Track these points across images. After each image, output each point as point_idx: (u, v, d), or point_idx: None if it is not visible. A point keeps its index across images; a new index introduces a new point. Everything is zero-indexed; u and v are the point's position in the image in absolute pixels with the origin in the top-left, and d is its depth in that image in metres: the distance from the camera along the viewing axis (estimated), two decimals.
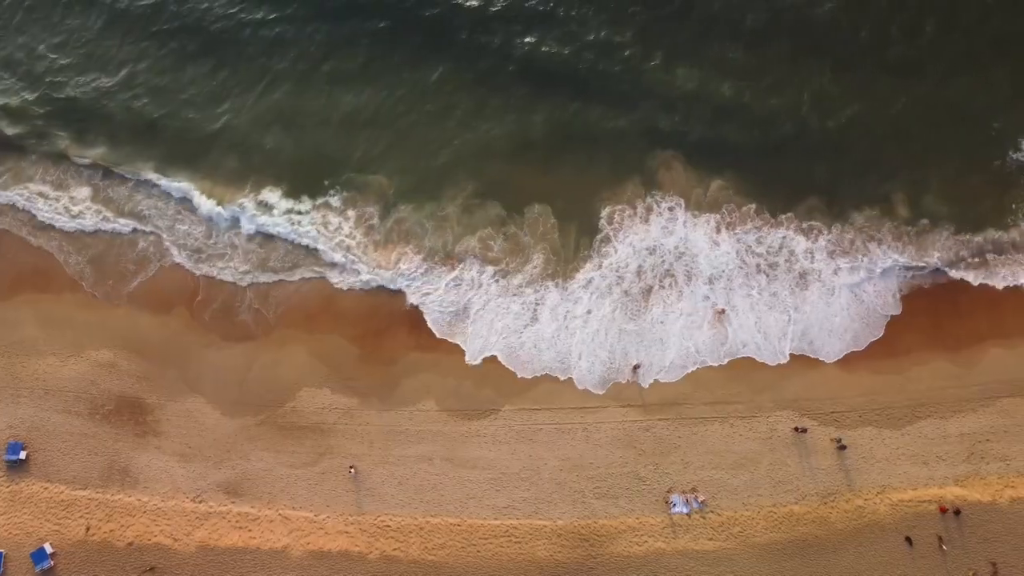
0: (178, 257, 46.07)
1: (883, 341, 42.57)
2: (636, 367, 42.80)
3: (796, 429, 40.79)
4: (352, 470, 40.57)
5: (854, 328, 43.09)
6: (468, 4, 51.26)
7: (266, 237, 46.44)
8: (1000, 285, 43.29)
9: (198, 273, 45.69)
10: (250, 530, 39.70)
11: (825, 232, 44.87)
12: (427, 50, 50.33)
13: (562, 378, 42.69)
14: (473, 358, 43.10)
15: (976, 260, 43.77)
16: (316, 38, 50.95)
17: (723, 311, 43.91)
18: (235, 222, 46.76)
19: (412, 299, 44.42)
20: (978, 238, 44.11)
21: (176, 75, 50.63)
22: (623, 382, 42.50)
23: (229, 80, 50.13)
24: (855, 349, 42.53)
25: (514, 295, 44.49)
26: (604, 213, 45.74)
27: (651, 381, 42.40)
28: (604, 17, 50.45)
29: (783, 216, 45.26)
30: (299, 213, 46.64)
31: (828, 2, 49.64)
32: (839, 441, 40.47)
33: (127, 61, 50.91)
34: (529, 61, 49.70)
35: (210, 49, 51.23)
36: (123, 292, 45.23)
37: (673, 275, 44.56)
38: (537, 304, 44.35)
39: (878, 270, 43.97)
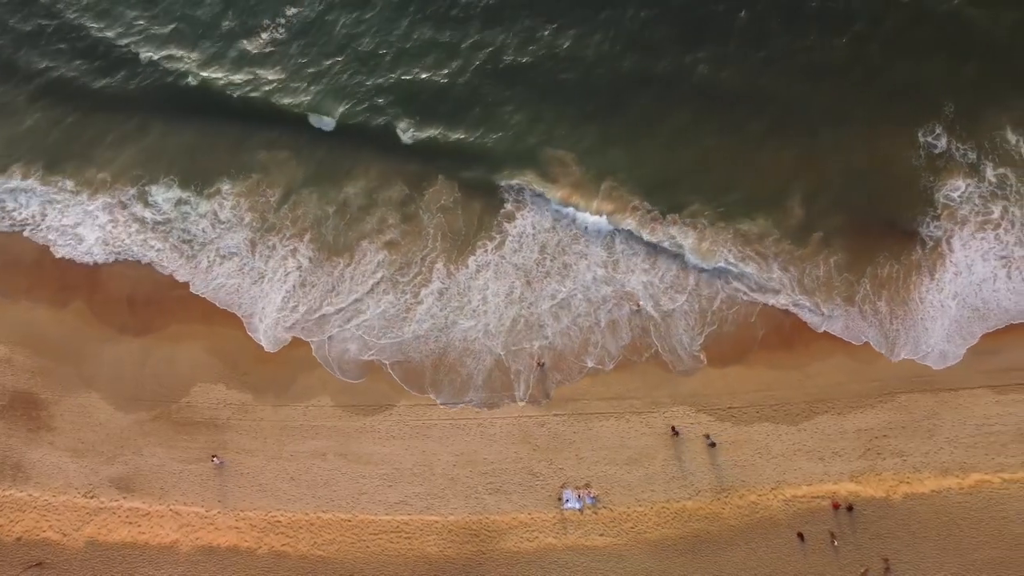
0: (74, 251, 46.47)
1: (782, 335, 42.35)
2: (540, 364, 42.60)
3: (673, 429, 40.71)
4: (215, 459, 40.52)
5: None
6: None
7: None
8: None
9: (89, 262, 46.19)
10: (140, 525, 39.72)
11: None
12: None
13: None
14: (344, 372, 42.84)
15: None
16: None
17: (638, 307, 43.72)
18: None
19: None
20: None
21: None
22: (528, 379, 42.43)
23: None
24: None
25: (402, 290, 44.51)
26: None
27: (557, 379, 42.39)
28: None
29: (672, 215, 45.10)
30: (187, 203, 47.40)
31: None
32: (708, 438, 40.32)
33: None
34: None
35: None
36: (21, 286, 45.32)
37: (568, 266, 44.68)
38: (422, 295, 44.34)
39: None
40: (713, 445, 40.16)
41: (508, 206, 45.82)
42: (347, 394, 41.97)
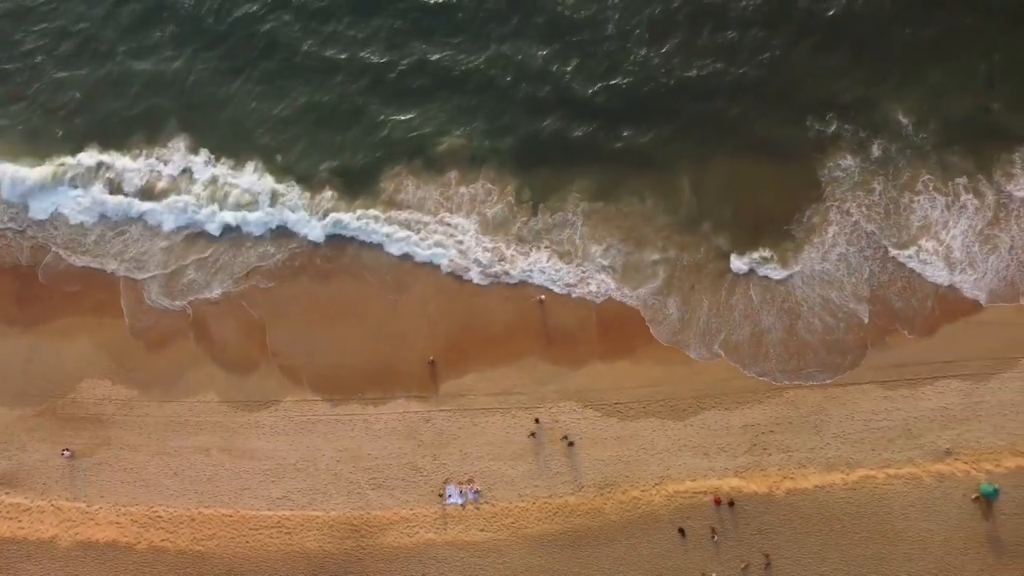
0: None
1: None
2: (432, 361, 42.44)
3: (534, 434, 40.67)
4: (66, 452, 40.46)
5: None
6: None
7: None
8: None
9: None
10: (20, 520, 39.74)
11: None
12: None
13: None
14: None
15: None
16: None
17: (543, 300, 43.62)
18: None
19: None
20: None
21: None
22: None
23: None
24: None
25: None
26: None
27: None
28: None
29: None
30: None
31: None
32: (567, 439, 40.18)
33: None
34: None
35: None
36: None
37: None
38: None
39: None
40: (571, 444, 40.08)
41: None
42: (234, 390, 41.92)
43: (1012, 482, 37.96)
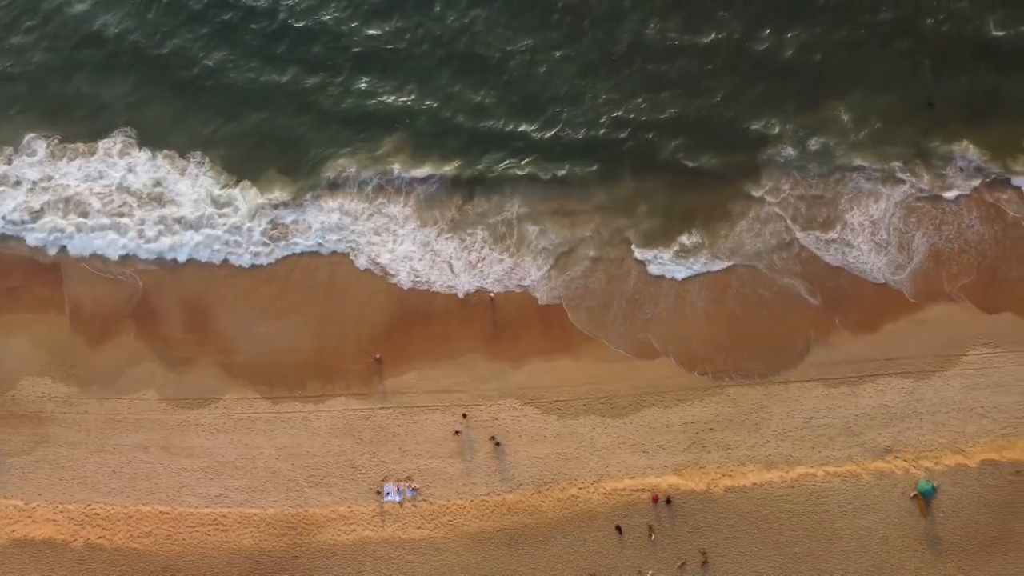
0: None
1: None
2: (378, 359, 42.33)
3: (459, 431, 40.65)
4: None
5: None
6: None
7: None
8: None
9: None
10: None
11: None
12: None
13: None
14: None
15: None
16: None
17: (493, 297, 43.52)
18: None
19: None
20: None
21: None
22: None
23: None
24: None
25: None
26: None
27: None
28: None
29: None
30: None
31: None
32: (494, 439, 40.10)
33: None
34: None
35: None
36: None
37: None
38: None
39: None
40: (498, 444, 40.01)
41: None
42: (173, 387, 41.87)
43: (951, 480, 37.87)
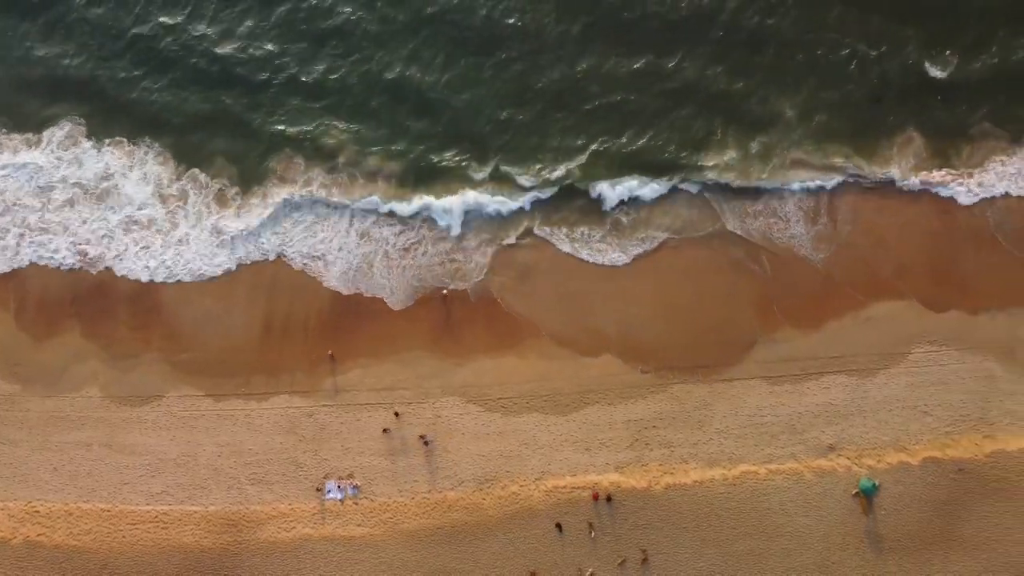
0: None
1: None
2: (331, 355, 42.20)
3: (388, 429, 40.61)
4: None
5: None
6: None
7: None
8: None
9: None
10: None
11: None
12: None
13: None
14: None
15: None
16: None
17: (446, 293, 43.31)
18: None
19: None
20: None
21: None
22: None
23: None
24: None
25: None
26: None
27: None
28: None
29: None
30: None
31: None
32: (424, 438, 40.02)
33: None
34: None
35: None
36: None
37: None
38: None
39: None
40: (427, 443, 39.95)
41: None
42: (117, 385, 41.75)
43: (893, 478, 37.82)
